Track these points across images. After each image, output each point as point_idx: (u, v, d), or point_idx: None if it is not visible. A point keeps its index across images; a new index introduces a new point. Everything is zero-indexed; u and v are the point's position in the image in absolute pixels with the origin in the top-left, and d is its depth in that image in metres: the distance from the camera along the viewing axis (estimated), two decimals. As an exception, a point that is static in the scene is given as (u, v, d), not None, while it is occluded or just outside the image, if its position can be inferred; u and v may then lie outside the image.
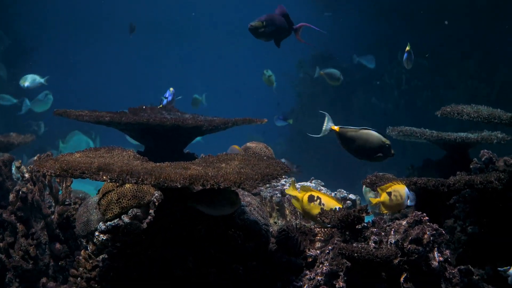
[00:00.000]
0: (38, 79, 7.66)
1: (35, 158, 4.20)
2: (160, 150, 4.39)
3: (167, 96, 4.78)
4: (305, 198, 3.13)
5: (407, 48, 5.16)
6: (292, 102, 13.27)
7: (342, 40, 13.58)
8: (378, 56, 10.93)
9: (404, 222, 2.88)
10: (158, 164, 3.00)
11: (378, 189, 3.17)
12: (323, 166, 11.24)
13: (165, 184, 2.56)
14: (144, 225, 3.37)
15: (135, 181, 2.57)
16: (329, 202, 3.07)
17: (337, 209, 2.95)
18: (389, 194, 3.05)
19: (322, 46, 13.48)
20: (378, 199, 3.12)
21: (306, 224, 3.48)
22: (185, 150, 4.64)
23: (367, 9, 12.97)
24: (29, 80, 7.64)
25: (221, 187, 2.62)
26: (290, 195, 3.40)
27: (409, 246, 2.77)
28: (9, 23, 14.48)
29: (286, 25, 4.25)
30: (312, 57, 12.91)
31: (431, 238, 2.81)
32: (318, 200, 3.08)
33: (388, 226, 2.96)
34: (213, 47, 23.44)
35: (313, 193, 3.14)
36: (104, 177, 2.60)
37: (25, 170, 4.18)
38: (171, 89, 4.71)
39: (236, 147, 4.29)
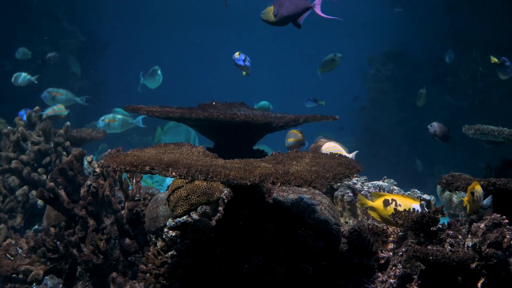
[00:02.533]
0: (28, 77, 7.90)
1: (106, 153, 4.24)
2: (230, 147, 4.37)
3: (239, 61, 4.61)
4: (380, 204, 3.02)
5: (492, 61, 4.72)
6: (364, 98, 13.09)
7: (413, 35, 13.35)
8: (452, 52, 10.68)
9: (482, 225, 2.76)
10: (227, 161, 2.96)
11: (469, 188, 3.01)
12: (393, 165, 11.06)
13: (235, 182, 2.51)
14: (213, 222, 3.34)
15: (204, 177, 2.54)
16: (405, 202, 2.96)
17: (412, 210, 2.85)
18: (472, 194, 2.92)
19: (393, 42, 13.26)
20: (466, 198, 2.97)
21: (379, 225, 3.38)
22: (255, 147, 4.61)
23: (439, 2, 12.68)
24: (20, 78, 7.90)
25: (291, 185, 2.56)
26: (364, 208, 3.26)
27: (487, 250, 2.66)
28: (82, 20, 14.79)
29: (300, 2, 3.97)
30: (383, 54, 12.74)
31: (512, 242, 2.68)
32: (394, 202, 2.97)
33: (465, 228, 2.85)
34: (284, 39, 23.34)
35: (387, 197, 3.02)
36: (174, 173, 2.57)
37: (96, 165, 4.23)
38: (238, 54, 4.58)
39: (294, 131, 4.21)
